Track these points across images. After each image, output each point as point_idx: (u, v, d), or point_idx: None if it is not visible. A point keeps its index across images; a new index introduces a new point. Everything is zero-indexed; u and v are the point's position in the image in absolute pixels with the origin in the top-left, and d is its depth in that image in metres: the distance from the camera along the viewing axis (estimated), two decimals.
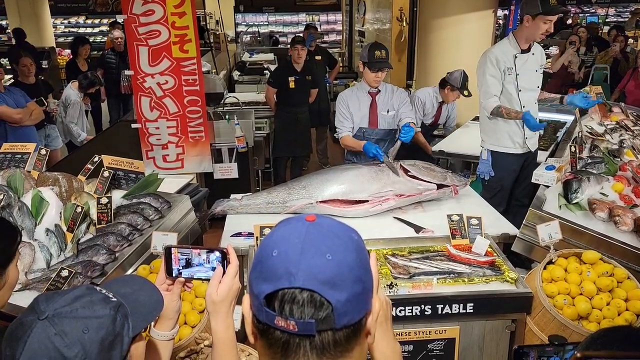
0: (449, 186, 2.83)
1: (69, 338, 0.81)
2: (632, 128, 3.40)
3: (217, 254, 1.03)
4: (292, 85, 4.95)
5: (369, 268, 0.79)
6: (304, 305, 0.72)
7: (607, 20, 13.54)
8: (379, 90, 3.26)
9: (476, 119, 4.20)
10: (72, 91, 5.20)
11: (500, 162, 3.37)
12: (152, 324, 1.14)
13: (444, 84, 4.25)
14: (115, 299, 0.89)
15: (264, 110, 5.53)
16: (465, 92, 4.09)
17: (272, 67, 8.10)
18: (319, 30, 11.50)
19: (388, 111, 3.25)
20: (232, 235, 2.49)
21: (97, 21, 14.72)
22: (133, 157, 2.71)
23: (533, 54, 3.24)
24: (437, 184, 2.82)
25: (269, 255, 0.76)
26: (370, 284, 0.78)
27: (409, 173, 2.83)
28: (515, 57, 3.21)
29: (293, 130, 5.10)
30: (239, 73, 7.83)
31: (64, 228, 2.07)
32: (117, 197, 2.33)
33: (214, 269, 1.06)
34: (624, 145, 3.08)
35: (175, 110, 3.78)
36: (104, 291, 0.91)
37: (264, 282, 0.74)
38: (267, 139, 5.37)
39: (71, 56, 7.00)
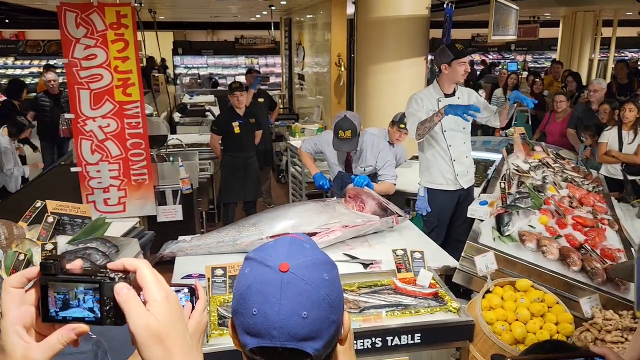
0: (391, 215, 3.02)
1: None
2: (553, 165, 3.70)
3: (186, 290, 1.05)
4: (237, 130, 4.97)
5: (340, 301, 0.85)
6: (286, 357, 0.81)
7: (524, 67, 14.76)
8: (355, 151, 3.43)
9: (415, 157, 4.41)
10: (2, 138, 5.02)
11: (435, 198, 3.56)
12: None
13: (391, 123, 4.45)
14: (94, 336, 0.90)
15: (207, 152, 5.53)
16: (402, 125, 4.14)
17: (213, 109, 8.17)
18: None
19: (364, 169, 3.40)
20: (182, 278, 2.48)
21: (27, 62, 14.26)
22: (72, 202, 2.66)
23: (458, 97, 3.44)
24: (379, 215, 3.02)
25: (249, 313, 0.82)
26: (341, 315, 0.85)
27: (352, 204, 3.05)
28: (439, 100, 3.42)
29: (242, 175, 5.07)
30: (180, 115, 7.82)
31: (5, 276, 2.00)
32: (62, 242, 2.28)
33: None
34: (547, 181, 3.33)
35: (118, 153, 3.75)
36: None
37: (248, 335, 0.82)
38: (211, 180, 5.37)
39: (4, 98, 6.77)
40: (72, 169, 3.75)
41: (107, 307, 0.64)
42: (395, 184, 3.47)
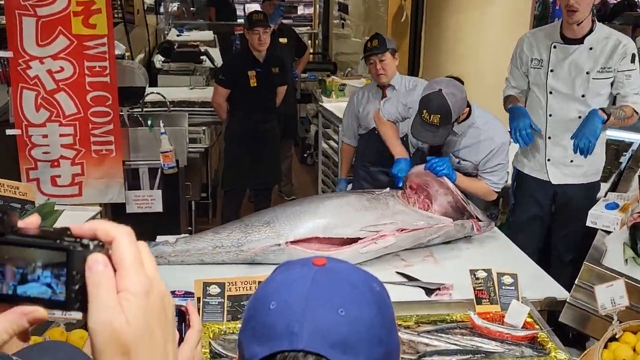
0: (468, 219, 3.06)
1: None
2: None
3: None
4: (253, 82, 4.97)
5: (393, 328, 0.90)
6: None
7: None
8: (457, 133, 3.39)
9: None
10: None
11: (521, 184, 3.80)
12: None
13: None
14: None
15: (202, 114, 5.59)
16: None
17: (212, 52, 8.21)
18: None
19: (459, 162, 3.39)
20: None
21: None
22: (6, 178, 2.73)
23: (591, 48, 3.46)
24: (452, 218, 3.06)
25: (265, 309, 0.86)
26: (395, 349, 0.89)
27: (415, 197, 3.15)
28: (553, 46, 3.51)
29: (255, 149, 5.07)
30: (163, 59, 7.91)
31: None
32: None
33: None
34: None
35: (73, 111, 3.82)
36: None
37: (257, 343, 0.85)
38: (206, 155, 5.43)
39: None
40: (8, 132, 3.84)
41: (76, 287, 0.63)
42: (496, 193, 3.49)
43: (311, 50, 9.57)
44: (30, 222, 0.67)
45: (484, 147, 3.32)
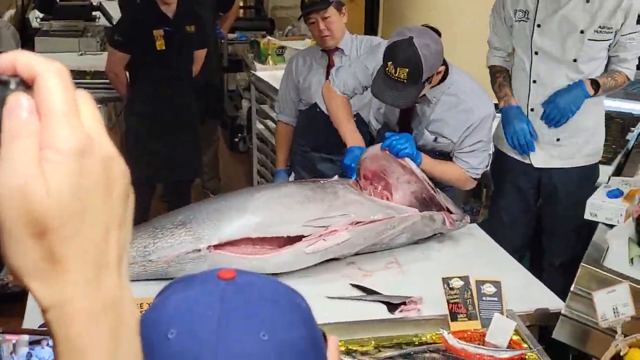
0: (439, 210, 3.08)
1: None
2: None
3: None
4: (160, 45, 4.87)
5: (323, 354, 0.90)
6: None
7: None
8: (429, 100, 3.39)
9: None
10: None
11: (501, 167, 3.91)
12: None
13: None
14: None
15: (95, 88, 5.48)
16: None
17: (108, 6, 8.03)
18: None
19: (436, 139, 3.41)
20: (40, 326, 2.51)
21: None
22: None
23: (588, 0, 3.49)
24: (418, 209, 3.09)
25: (162, 339, 0.83)
26: None
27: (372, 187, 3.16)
28: None
29: (166, 133, 5.03)
30: (42, 16, 7.77)
31: None
32: None
33: None
34: None
35: None
36: None
37: None
38: None
39: None
40: None
41: None
42: (475, 180, 3.49)
43: (241, 4, 9.44)
44: None
45: (462, 120, 3.32)
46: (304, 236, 2.87)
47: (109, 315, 0.61)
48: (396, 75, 3.05)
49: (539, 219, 3.91)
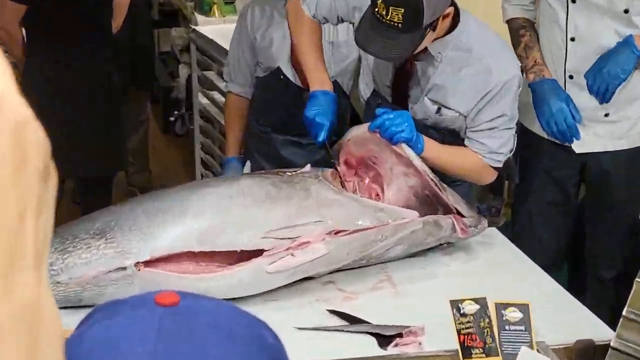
0: (446, 213, 2.96)
1: None
2: None
3: None
4: None
5: None
6: None
7: None
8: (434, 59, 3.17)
9: None
10: None
11: (530, 153, 3.75)
12: None
13: None
14: None
15: None
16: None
17: None
18: None
19: (439, 112, 3.19)
20: None
21: None
22: None
23: None
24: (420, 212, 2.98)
25: None
26: None
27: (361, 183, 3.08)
28: None
29: (75, 110, 4.82)
30: None
31: None
32: None
33: None
34: None
35: None
36: None
37: None
38: None
39: None
40: None
41: None
42: (495, 170, 3.29)
43: None
44: None
45: (477, 85, 3.10)
46: (264, 250, 2.71)
47: (23, 325, 0.62)
48: (388, 17, 2.83)
49: (581, 219, 3.81)
